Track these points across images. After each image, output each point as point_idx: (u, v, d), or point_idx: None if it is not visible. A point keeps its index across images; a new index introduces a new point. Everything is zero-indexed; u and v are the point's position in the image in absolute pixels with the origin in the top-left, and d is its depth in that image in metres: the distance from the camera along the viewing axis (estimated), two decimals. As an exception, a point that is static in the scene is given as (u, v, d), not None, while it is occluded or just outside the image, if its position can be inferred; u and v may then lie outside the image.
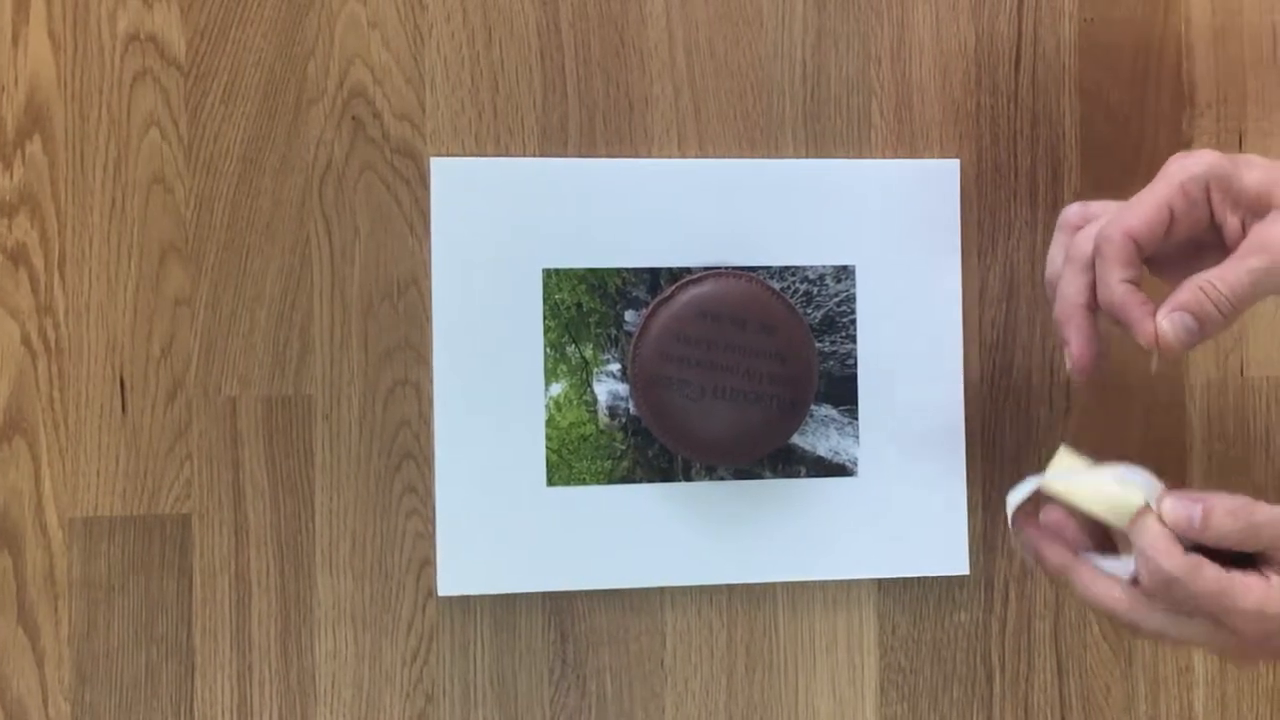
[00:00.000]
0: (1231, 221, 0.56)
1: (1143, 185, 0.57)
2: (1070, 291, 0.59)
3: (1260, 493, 0.73)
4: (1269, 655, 0.56)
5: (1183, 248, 0.58)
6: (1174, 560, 0.54)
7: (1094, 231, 0.58)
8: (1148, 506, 0.57)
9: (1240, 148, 0.73)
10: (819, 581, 0.70)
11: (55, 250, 0.65)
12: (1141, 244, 0.56)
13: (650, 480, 0.68)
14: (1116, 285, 0.56)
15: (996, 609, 0.72)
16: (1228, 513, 0.55)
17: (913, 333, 0.70)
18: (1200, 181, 0.55)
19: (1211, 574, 0.54)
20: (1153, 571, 0.55)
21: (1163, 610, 0.56)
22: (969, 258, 0.71)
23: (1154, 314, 0.56)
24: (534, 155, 0.68)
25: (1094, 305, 0.58)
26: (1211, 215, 0.56)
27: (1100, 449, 0.61)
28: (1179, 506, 0.56)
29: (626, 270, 0.68)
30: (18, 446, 0.64)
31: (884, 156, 0.71)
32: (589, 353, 0.68)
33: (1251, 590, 0.54)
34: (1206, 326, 0.56)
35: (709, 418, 0.65)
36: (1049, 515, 0.60)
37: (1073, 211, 0.61)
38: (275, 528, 0.66)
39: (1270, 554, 0.55)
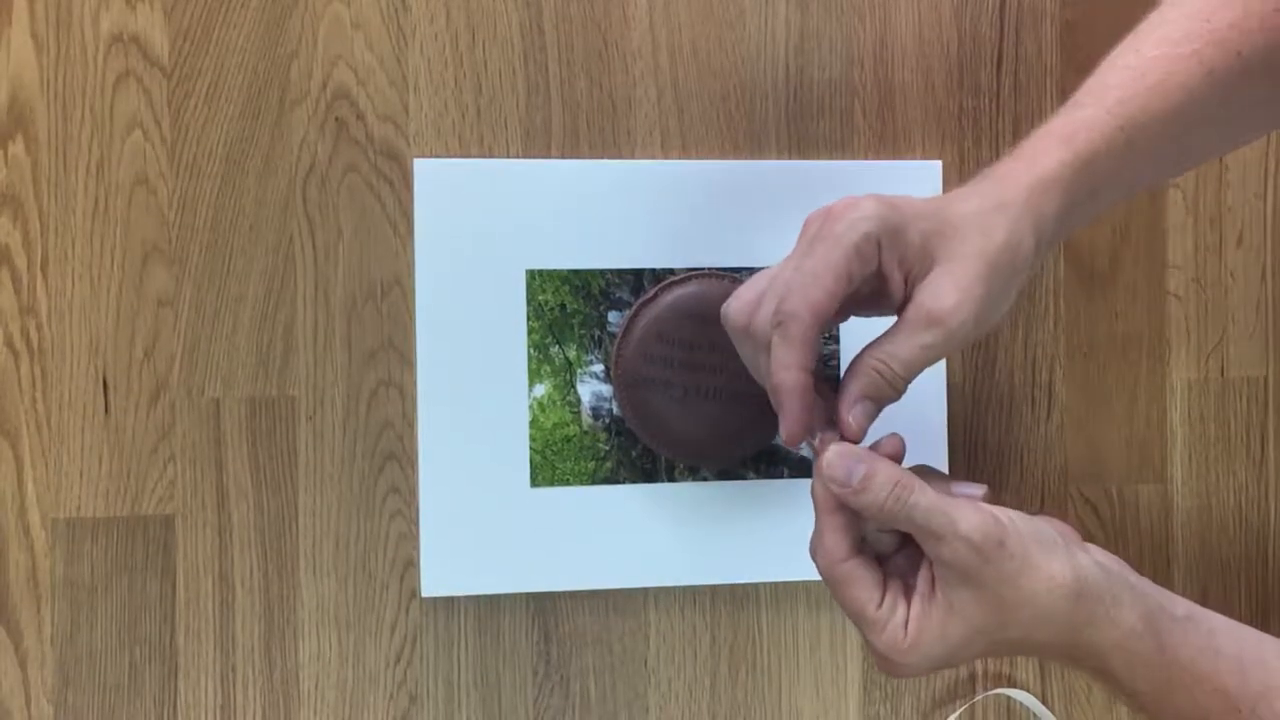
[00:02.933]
0: (895, 277, 0.53)
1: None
2: (780, 378, 0.53)
3: (1242, 492, 0.74)
4: (899, 676, 0.54)
5: (853, 295, 0.55)
6: (832, 568, 0.52)
7: (771, 311, 0.53)
8: (822, 440, 0.53)
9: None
10: (802, 582, 0.70)
11: (38, 251, 0.65)
12: (825, 319, 0.53)
13: (633, 481, 0.68)
14: (794, 371, 0.52)
15: (979, 609, 0.72)
16: (889, 481, 0.51)
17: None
18: (872, 240, 0.52)
19: (858, 598, 0.52)
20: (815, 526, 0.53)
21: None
22: (952, 259, 0.71)
23: (809, 416, 0.53)
24: (517, 156, 0.68)
25: (807, 376, 0.54)
26: (879, 266, 0.53)
27: (1080, 449, 0.61)
28: (842, 459, 0.52)
29: (610, 271, 0.68)
30: (0, 448, 0.64)
31: (866, 158, 0.71)
32: (572, 354, 0.68)
33: (883, 632, 0.51)
34: (883, 405, 0.54)
35: (692, 418, 0.65)
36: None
37: (733, 310, 0.56)
38: (259, 529, 0.66)
39: (927, 551, 0.52)
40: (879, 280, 0.54)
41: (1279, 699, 0.51)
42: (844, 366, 0.69)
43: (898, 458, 0.54)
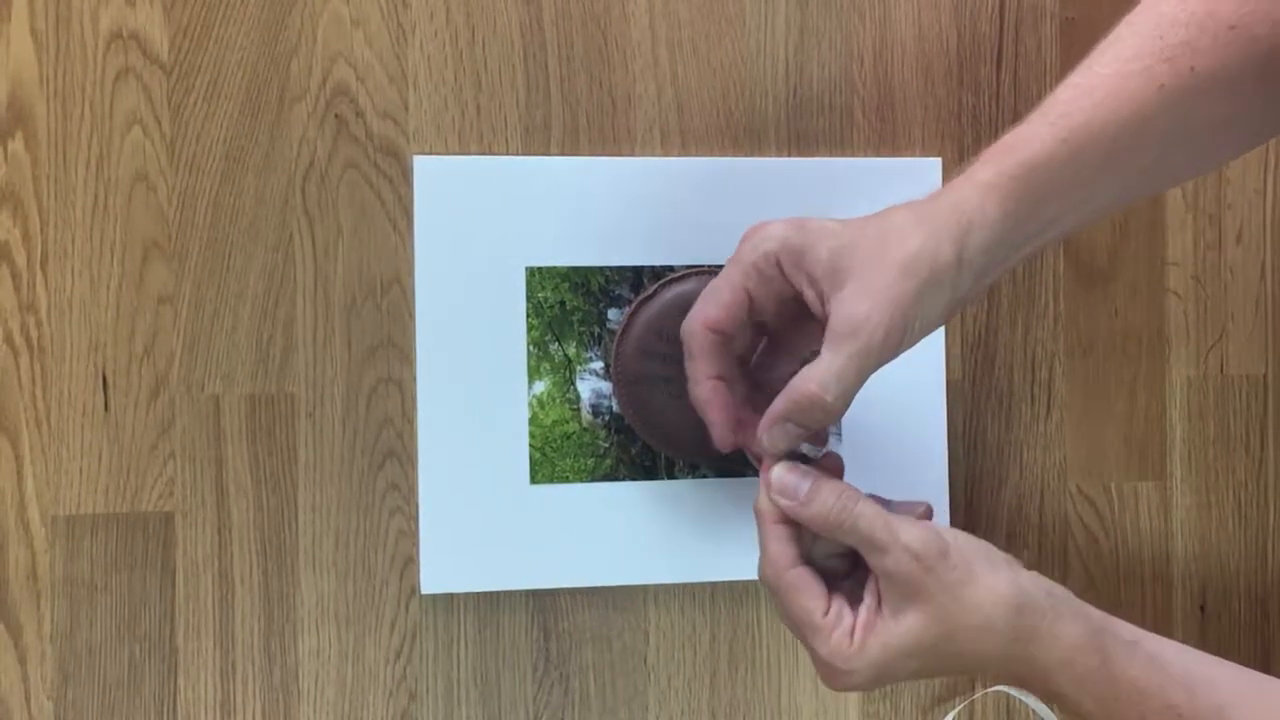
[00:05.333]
0: (809, 294, 0.54)
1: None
2: (693, 391, 0.57)
3: (1241, 489, 0.74)
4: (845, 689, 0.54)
5: (788, 309, 0.56)
6: (778, 576, 0.54)
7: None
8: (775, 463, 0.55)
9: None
10: (802, 579, 0.70)
11: (37, 248, 0.65)
12: (725, 331, 0.54)
13: (633, 478, 0.68)
14: (704, 382, 0.55)
15: (979, 606, 0.72)
16: (834, 493, 0.53)
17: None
18: (771, 259, 0.54)
19: (805, 606, 0.53)
20: (760, 552, 0.54)
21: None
22: (951, 256, 0.71)
23: (734, 420, 0.56)
24: (517, 154, 0.68)
25: (717, 383, 0.57)
26: (790, 284, 0.55)
27: (1079, 446, 0.61)
28: (789, 475, 0.54)
29: (609, 268, 0.68)
30: (0, 445, 0.64)
31: (866, 155, 0.71)
32: (572, 351, 0.68)
33: (828, 639, 0.52)
34: (813, 425, 0.54)
35: (691, 415, 0.65)
36: None
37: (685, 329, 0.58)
38: (258, 526, 0.66)
39: (871, 565, 0.53)
40: (799, 303, 0.55)
41: (1232, 716, 0.51)
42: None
43: (838, 474, 0.56)
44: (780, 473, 0.54)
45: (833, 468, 0.57)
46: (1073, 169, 0.54)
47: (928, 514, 0.56)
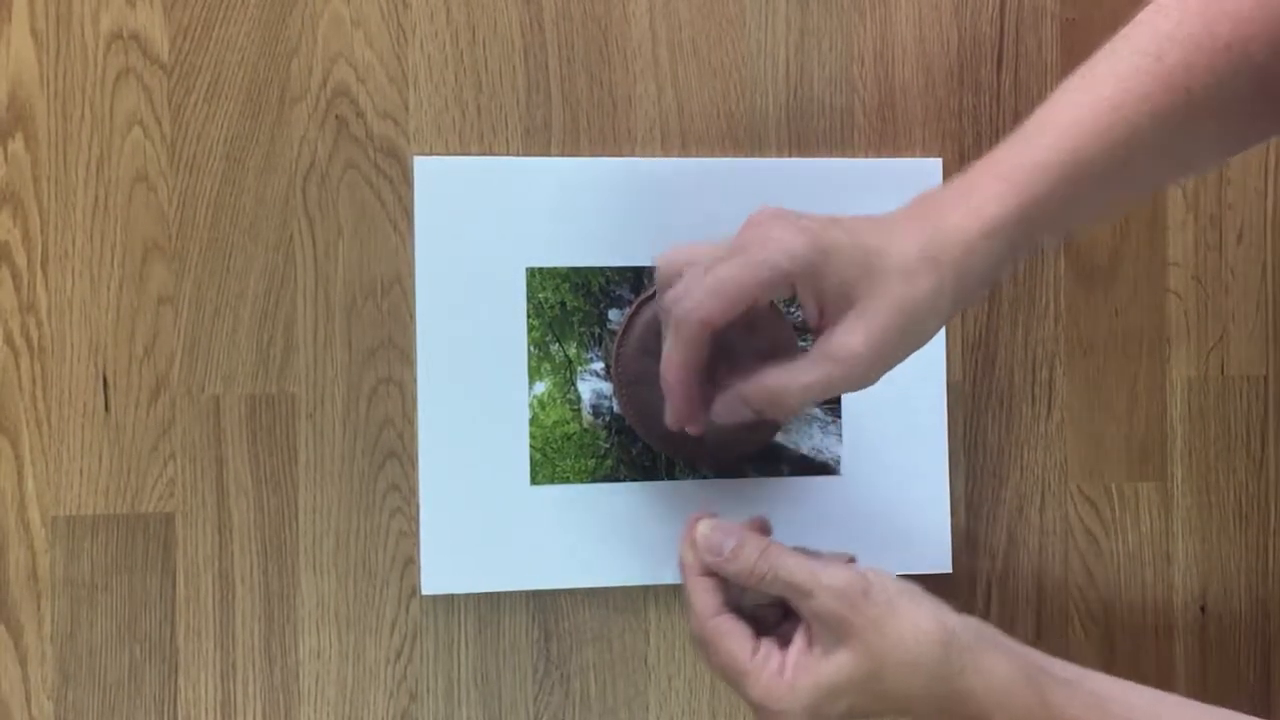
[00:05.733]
0: (810, 308, 0.55)
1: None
2: (668, 375, 0.57)
3: (1242, 490, 0.74)
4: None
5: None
6: (703, 624, 0.55)
7: (682, 292, 0.55)
8: (696, 521, 0.57)
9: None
10: (802, 579, 0.70)
11: (38, 248, 0.65)
12: (719, 328, 0.55)
13: (634, 479, 0.68)
14: (681, 370, 0.56)
15: (979, 607, 0.72)
16: (757, 547, 0.55)
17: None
18: (787, 277, 0.53)
19: (732, 650, 0.54)
20: (687, 602, 0.56)
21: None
22: (952, 256, 0.71)
23: (693, 407, 0.57)
24: (517, 154, 0.68)
25: (692, 374, 0.57)
26: (795, 295, 0.55)
27: (1080, 447, 0.61)
28: (715, 533, 0.56)
29: (610, 269, 0.68)
30: (0, 445, 0.64)
31: (866, 155, 0.71)
32: (572, 351, 0.68)
33: (759, 680, 0.53)
34: (763, 415, 0.56)
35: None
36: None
37: (661, 265, 0.58)
38: (259, 526, 0.66)
39: (799, 611, 0.54)
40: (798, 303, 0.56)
41: None
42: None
43: (765, 534, 0.58)
44: (705, 530, 0.56)
45: (759, 527, 0.58)
46: (1069, 201, 0.55)
47: (851, 562, 0.57)
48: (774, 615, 0.56)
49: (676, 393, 0.57)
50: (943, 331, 0.70)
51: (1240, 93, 0.55)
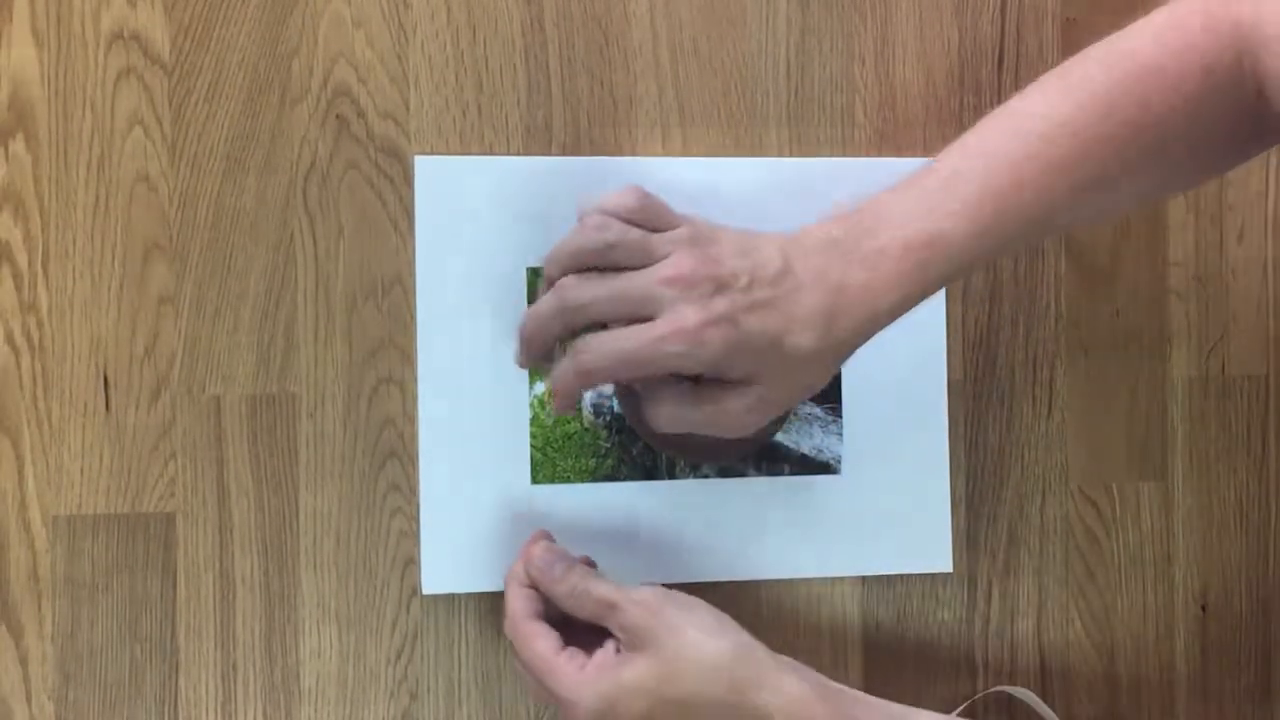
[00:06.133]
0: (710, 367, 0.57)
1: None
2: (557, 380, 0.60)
3: (1242, 489, 0.74)
4: None
5: None
6: (516, 625, 0.59)
7: (589, 344, 0.58)
8: (536, 538, 0.63)
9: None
10: (802, 579, 0.70)
11: (39, 248, 0.65)
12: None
13: (634, 478, 0.68)
14: (565, 378, 0.58)
15: (979, 606, 0.72)
16: (581, 574, 0.59)
17: (896, 331, 0.70)
18: (692, 370, 0.56)
19: (541, 649, 0.57)
20: (508, 618, 0.60)
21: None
22: (952, 256, 0.71)
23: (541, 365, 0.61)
24: (518, 154, 0.68)
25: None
26: None
27: (1080, 447, 0.62)
28: (548, 554, 0.61)
29: (610, 269, 0.68)
30: (1, 445, 0.64)
31: (867, 155, 0.71)
32: (573, 351, 0.68)
33: (564, 673, 0.56)
34: (592, 381, 0.58)
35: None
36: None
37: (551, 257, 0.60)
38: (259, 526, 0.66)
39: (610, 627, 0.58)
40: None
41: None
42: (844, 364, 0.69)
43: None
44: (542, 552, 0.61)
45: (585, 564, 0.62)
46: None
47: None
48: (594, 638, 0.59)
49: (534, 353, 0.60)
50: (943, 331, 0.71)
51: (1181, 151, 0.58)
